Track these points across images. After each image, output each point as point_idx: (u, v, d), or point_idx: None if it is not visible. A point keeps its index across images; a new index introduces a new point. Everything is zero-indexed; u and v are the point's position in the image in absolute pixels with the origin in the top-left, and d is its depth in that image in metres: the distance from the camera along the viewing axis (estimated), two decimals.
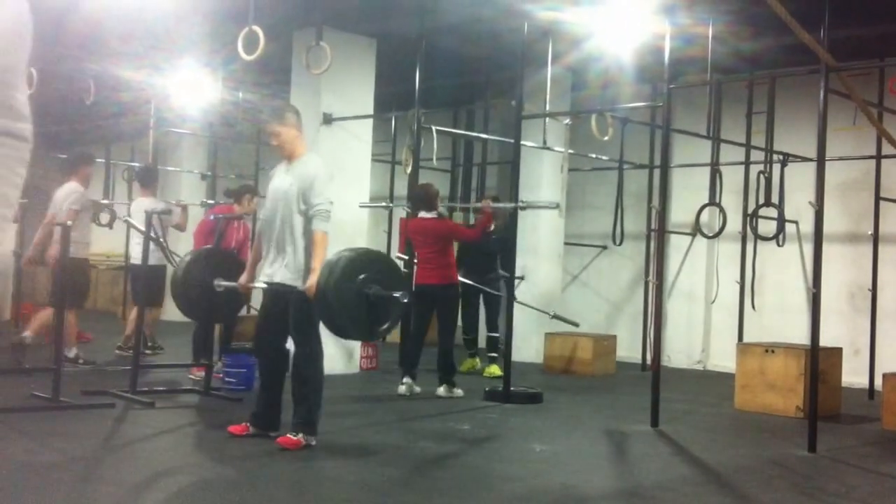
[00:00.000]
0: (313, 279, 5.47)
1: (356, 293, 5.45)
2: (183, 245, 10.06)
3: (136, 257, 9.11)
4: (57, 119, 12.41)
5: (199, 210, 10.37)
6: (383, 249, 12.23)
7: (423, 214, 8.38)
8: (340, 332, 5.70)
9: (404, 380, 8.27)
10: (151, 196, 9.54)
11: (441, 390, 8.30)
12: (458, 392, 8.33)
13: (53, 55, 9.48)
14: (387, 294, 5.52)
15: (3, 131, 1.41)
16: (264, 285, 5.86)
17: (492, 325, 10.24)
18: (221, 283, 6.40)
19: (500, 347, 9.63)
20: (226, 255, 6.83)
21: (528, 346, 11.05)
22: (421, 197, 8.41)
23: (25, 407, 6.53)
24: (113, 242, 13.99)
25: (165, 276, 9.86)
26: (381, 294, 5.49)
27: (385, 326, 5.68)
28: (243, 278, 6.14)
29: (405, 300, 5.61)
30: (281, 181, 5.87)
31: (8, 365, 8.24)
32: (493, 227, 8.89)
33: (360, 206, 9.21)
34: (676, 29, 7.56)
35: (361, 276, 5.48)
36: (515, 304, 8.74)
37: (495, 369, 9.70)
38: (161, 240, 8.76)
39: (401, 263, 8.05)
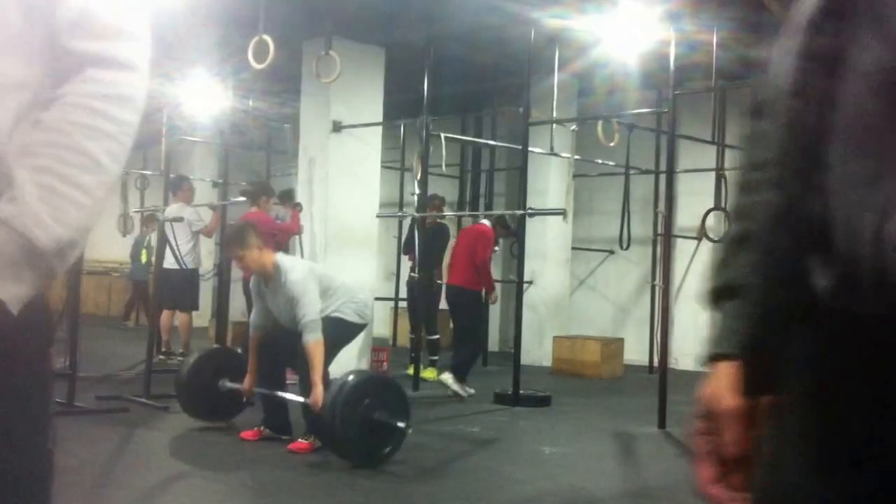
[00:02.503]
0: (318, 394, 5.40)
1: (360, 416, 5.34)
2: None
3: (166, 263, 9.23)
4: None
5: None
6: (393, 256, 12.35)
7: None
8: (340, 452, 5.51)
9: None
10: (182, 202, 9.64)
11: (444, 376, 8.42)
12: (462, 391, 8.34)
13: None
14: (390, 422, 5.44)
15: (91, 56, 1.15)
16: (265, 391, 6.00)
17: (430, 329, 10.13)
18: (226, 385, 6.32)
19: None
20: (229, 356, 6.81)
21: (536, 349, 11.11)
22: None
23: None
24: (128, 250, 14.08)
25: (197, 279, 9.98)
26: (383, 421, 5.41)
27: (386, 451, 5.53)
28: (247, 383, 6.03)
29: (409, 431, 5.52)
30: (272, 300, 5.83)
31: None
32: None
33: (377, 216, 9.27)
34: (681, 35, 7.63)
35: (367, 401, 5.37)
36: (524, 308, 8.79)
37: (431, 373, 9.61)
38: (176, 246, 8.86)
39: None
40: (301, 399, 5.66)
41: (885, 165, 0.86)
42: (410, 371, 9.21)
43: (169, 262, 9.24)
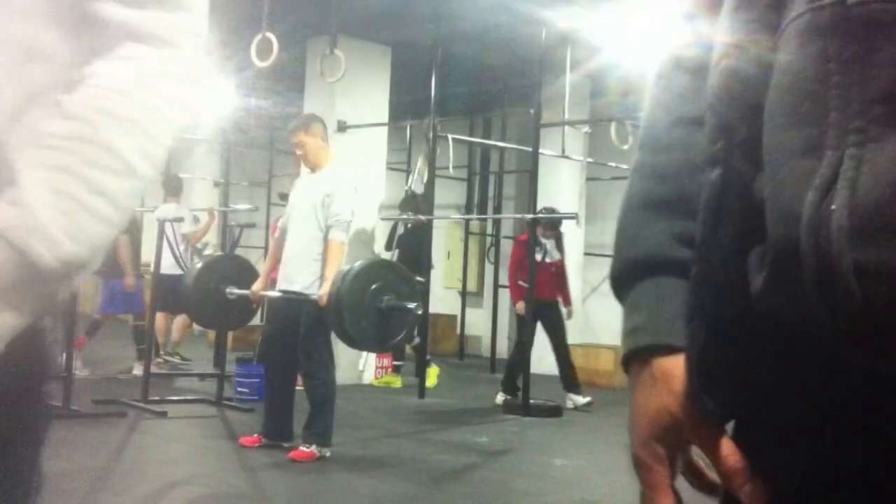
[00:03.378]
0: (326, 287, 5.42)
1: (369, 303, 5.39)
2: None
3: (164, 266, 9.11)
4: None
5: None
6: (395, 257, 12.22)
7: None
8: (351, 341, 5.63)
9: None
10: (176, 202, 9.52)
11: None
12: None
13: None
14: (400, 305, 5.45)
15: (132, 28, 0.91)
16: (278, 294, 5.82)
17: None
18: (234, 291, 6.36)
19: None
20: (238, 262, 6.80)
21: (547, 357, 10.94)
22: None
23: None
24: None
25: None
26: (394, 304, 5.43)
27: (398, 338, 5.60)
28: (256, 286, 6.08)
29: (419, 311, 5.54)
30: (304, 190, 5.85)
31: None
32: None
33: (382, 219, 9.16)
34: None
35: (374, 286, 5.42)
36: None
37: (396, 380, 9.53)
38: (177, 247, 8.73)
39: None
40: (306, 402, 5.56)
41: (826, 131, 0.69)
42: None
43: (166, 265, 9.10)
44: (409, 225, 9.37)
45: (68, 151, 0.86)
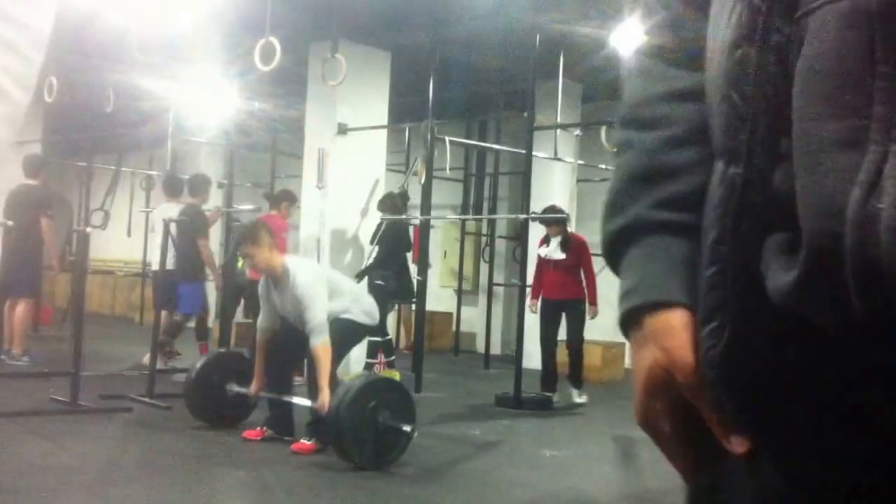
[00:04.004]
0: (325, 397, 5.41)
1: (367, 419, 5.35)
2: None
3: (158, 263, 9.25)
4: (77, 127, 12.57)
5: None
6: None
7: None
8: (346, 455, 5.47)
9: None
10: (175, 202, 9.66)
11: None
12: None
13: (74, 64, 9.64)
14: (396, 425, 5.45)
15: None
16: (274, 396, 5.99)
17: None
18: (233, 389, 6.34)
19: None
20: (237, 359, 6.85)
21: (538, 353, 11.11)
22: None
23: (44, 410, 6.61)
24: (132, 249, 14.16)
25: None
26: (389, 424, 5.43)
27: (392, 455, 5.53)
28: (254, 387, 6.07)
29: (414, 435, 5.53)
30: (281, 301, 5.82)
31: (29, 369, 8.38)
32: None
33: (382, 219, 9.29)
34: None
35: (372, 404, 5.39)
36: (527, 311, 8.81)
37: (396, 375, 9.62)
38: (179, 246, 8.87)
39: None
40: (308, 402, 5.69)
41: (869, 125, 0.65)
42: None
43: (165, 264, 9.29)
44: (384, 224, 9.40)
45: None
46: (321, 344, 5.50)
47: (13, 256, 8.82)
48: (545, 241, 8.55)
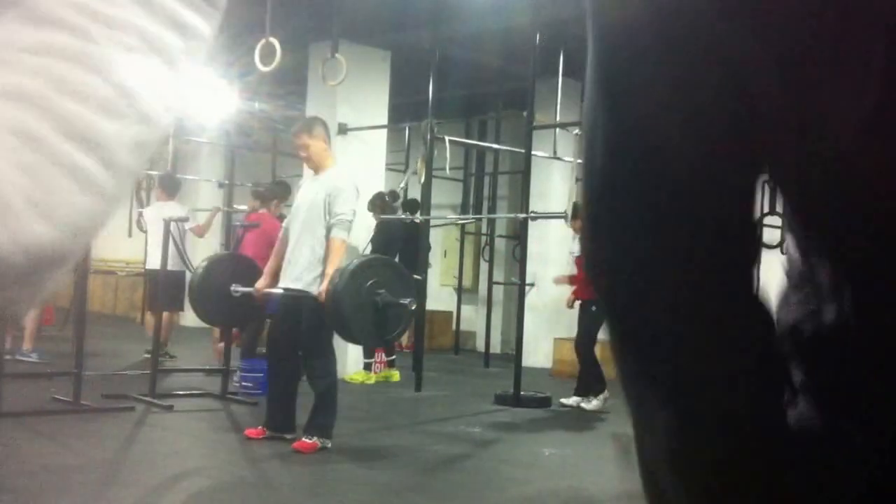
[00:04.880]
0: (326, 283, 5.52)
1: (365, 298, 5.46)
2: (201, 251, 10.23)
3: (154, 262, 9.31)
4: None
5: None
6: (396, 257, 12.40)
7: None
8: (350, 337, 5.69)
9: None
10: (170, 201, 9.70)
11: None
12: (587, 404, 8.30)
13: None
14: (395, 300, 5.54)
15: None
16: (281, 291, 5.92)
17: None
18: (238, 289, 6.41)
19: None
20: (243, 261, 6.92)
21: (537, 351, 11.17)
22: None
23: (46, 410, 6.63)
24: (134, 249, 14.16)
25: (185, 281, 10.02)
26: (389, 300, 5.52)
27: (395, 333, 5.68)
28: (260, 283, 6.11)
29: (413, 307, 5.63)
30: (308, 190, 5.94)
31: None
32: None
33: (381, 217, 9.34)
34: None
35: (370, 282, 5.50)
36: (526, 310, 8.85)
37: (395, 375, 9.63)
38: (182, 247, 8.91)
39: None
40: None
41: None
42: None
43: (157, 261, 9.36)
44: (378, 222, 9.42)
45: (38, 74, 0.51)
46: (341, 239, 5.70)
47: None
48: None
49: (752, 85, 0.62)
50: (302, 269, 5.76)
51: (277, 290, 5.99)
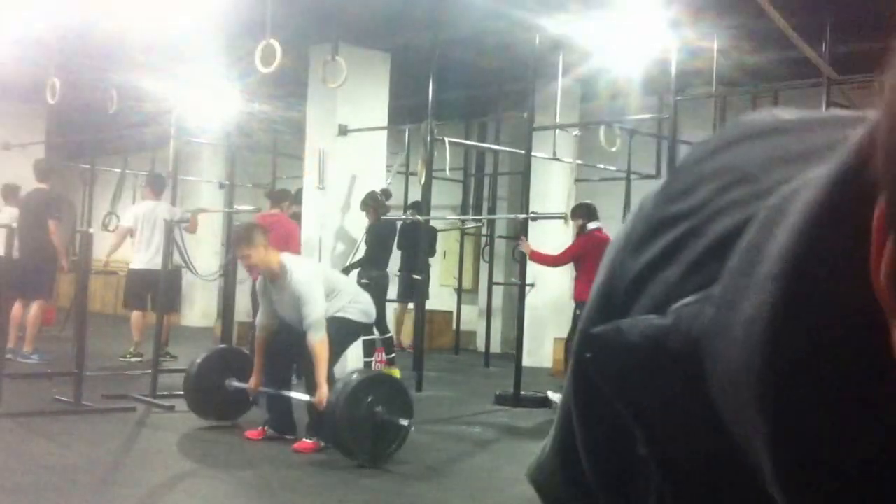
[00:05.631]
0: (322, 393, 5.47)
1: (364, 414, 5.41)
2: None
3: (145, 263, 9.37)
4: (80, 128, 12.64)
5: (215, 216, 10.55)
6: (397, 257, 12.42)
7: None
8: (345, 450, 5.55)
9: None
10: (159, 200, 9.72)
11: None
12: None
13: (77, 65, 9.71)
14: (393, 419, 5.50)
15: None
16: (270, 391, 6.03)
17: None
18: (233, 384, 6.38)
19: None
20: (236, 355, 6.91)
21: (537, 351, 11.19)
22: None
23: (48, 410, 6.66)
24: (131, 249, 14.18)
25: (180, 281, 10.05)
26: (386, 418, 5.48)
27: (390, 450, 5.59)
28: (252, 382, 6.10)
29: (411, 429, 5.58)
30: (278, 298, 5.85)
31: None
32: None
33: (381, 218, 9.34)
34: (683, 42, 7.72)
35: (370, 398, 5.45)
36: (526, 310, 8.88)
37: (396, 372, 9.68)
38: (184, 247, 8.96)
39: None
40: (306, 398, 5.73)
41: None
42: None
43: (145, 260, 9.39)
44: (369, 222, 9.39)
45: None
46: (319, 340, 5.55)
47: (28, 259, 8.94)
48: None
49: None
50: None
51: (268, 390, 6.05)
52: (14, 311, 9.23)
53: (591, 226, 8.33)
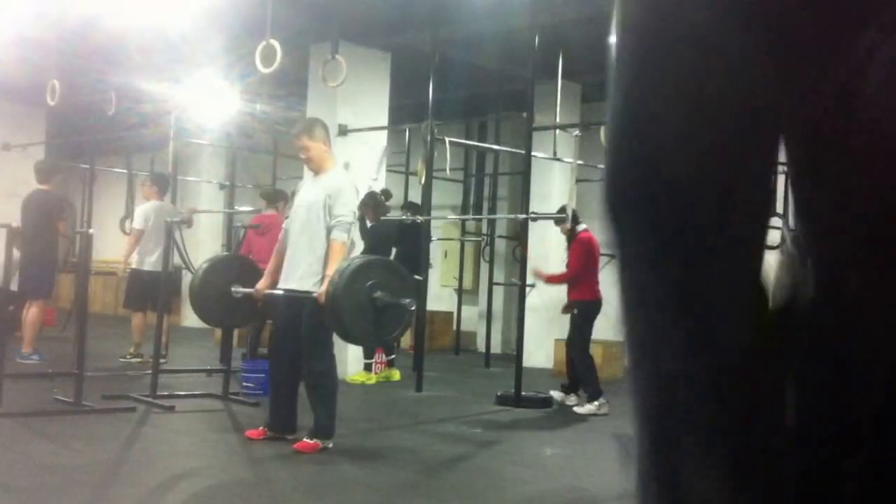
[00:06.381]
0: (325, 285, 5.53)
1: (364, 299, 5.44)
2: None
3: (145, 263, 9.37)
4: (79, 130, 12.63)
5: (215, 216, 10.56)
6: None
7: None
8: (349, 337, 5.66)
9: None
10: (163, 201, 9.72)
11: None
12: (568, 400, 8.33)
13: (76, 67, 9.69)
14: (394, 301, 5.52)
15: None
16: (281, 292, 5.93)
17: None
18: (239, 290, 6.42)
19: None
20: (244, 262, 6.93)
21: (538, 351, 11.19)
22: None
23: (48, 410, 6.64)
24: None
25: (179, 282, 10.05)
26: (388, 301, 5.50)
27: (394, 333, 5.66)
28: (261, 284, 6.13)
29: (412, 308, 5.62)
30: (308, 191, 5.96)
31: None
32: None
33: (381, 219, 9.34)
34: None
35: (369, 283, 5.48)
36: (527, 311, 8.86)
37: (396, 374, 9.64)
38: (184, 247, 8.94)
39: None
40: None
41: None
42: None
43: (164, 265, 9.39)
44: (368, 222, 9.38)
45: None
46: (341, 241, 5.73)
47: (30, 260, 8.94)
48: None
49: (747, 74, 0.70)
50: (302, 271, 5.77)
51: (278, 291, 5.99)
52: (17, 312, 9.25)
53: (579, 228, 8.34)
